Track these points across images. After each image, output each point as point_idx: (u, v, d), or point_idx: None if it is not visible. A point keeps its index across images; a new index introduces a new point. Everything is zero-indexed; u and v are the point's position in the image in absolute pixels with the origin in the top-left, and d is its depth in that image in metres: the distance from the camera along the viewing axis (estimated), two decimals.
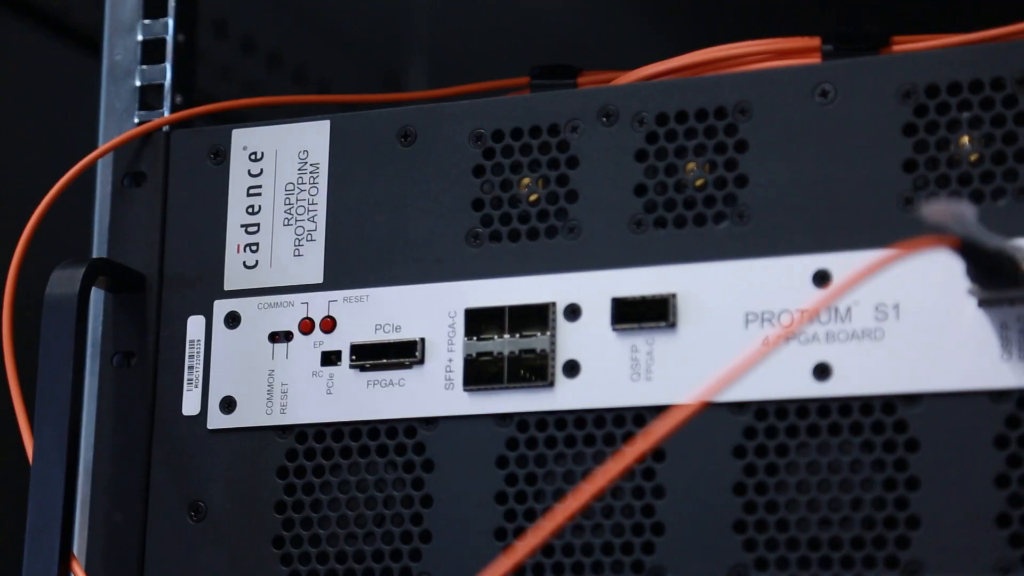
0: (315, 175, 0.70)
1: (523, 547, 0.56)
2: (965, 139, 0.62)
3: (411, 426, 0.67)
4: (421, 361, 0.67)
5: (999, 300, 0.59)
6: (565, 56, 0.74)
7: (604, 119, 0.66)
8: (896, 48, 0.66)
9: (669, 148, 0.66)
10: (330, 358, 0.68)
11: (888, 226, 0.62)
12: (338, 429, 0.67)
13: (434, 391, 0.66)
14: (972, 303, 0.60)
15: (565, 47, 0.83)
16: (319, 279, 0.69)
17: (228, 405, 0.69)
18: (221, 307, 0.70)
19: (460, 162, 0.68)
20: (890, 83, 0.63)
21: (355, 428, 0.67)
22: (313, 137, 0.70)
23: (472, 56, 0.88)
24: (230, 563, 0.68)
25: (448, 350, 0.66)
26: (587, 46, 0.83)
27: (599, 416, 0.65)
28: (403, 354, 0.67)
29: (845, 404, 0.61)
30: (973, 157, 0.61)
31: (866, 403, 0.61)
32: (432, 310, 0.67)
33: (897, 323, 0.61)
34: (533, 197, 0.67)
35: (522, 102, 0.68)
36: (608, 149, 0.66)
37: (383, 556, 0.66)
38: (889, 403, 0.61)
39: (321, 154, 0.70)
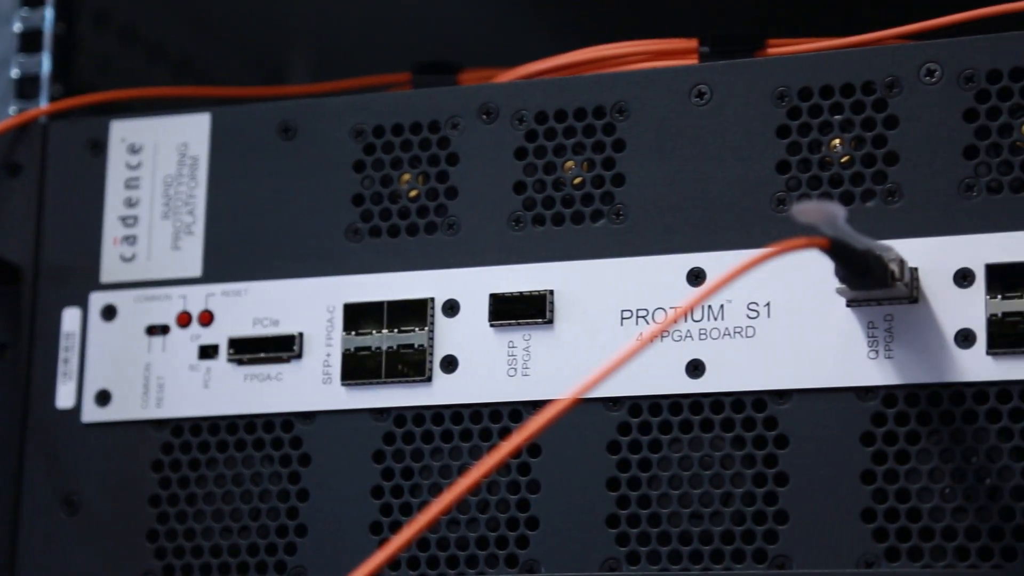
0: (194, 168, 0.70)
1: (398, 541, 0.57)
2: (836, 141, 0.64)
3: (288, 420, 0.68)
4: (299, 355, 0.68)
5: (867, 300, 0.61)
6: (447, 53, 0.75)
7: (484, 117, 0.68)
8: (771, 51, 0.67)
9: (548, 146, 0.67)
10: (208, 352, 0.69)
11: (761, 226, 0.64)
12: (214, 423, 0.68)
13: (312, 385, 0.67)
14: (841, 302, 0.62)
15: (447, 44, 0.84)
16: (198, 273, 0.70)
17: (103, 398, 0.69)
18: (97, 299, 0.70)
19: (341, 157, 0.69)
20: (765, 85, 0.64)
21: (232, 422, 0.68)
22: (193, 130, 0.71)
23: (354, 51, 0.88)
24: (104, 557, 0.68)
25: (326, 345, 0.67)
26: (469, 43, 0.84)
27: (476, 411, 0.66)
28: (281, 348, 0.68)
29: (717, 400, 0.63)
30: (844, 159, 0.63)
31: (737, 399, 0.63)
32: (311, 305, 0.68)
33: (768, 321, 0.63)
34: (413, 193, 0.68)
35: (403, 98, 0.69)
36: (488, 146, 0.67)
37: (258, 550, 0.67)
38: (760, 400, 0.63)
39: (201, 147, 0.70)
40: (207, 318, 0.69)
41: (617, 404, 0.64)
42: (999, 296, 0.60)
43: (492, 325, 0.66)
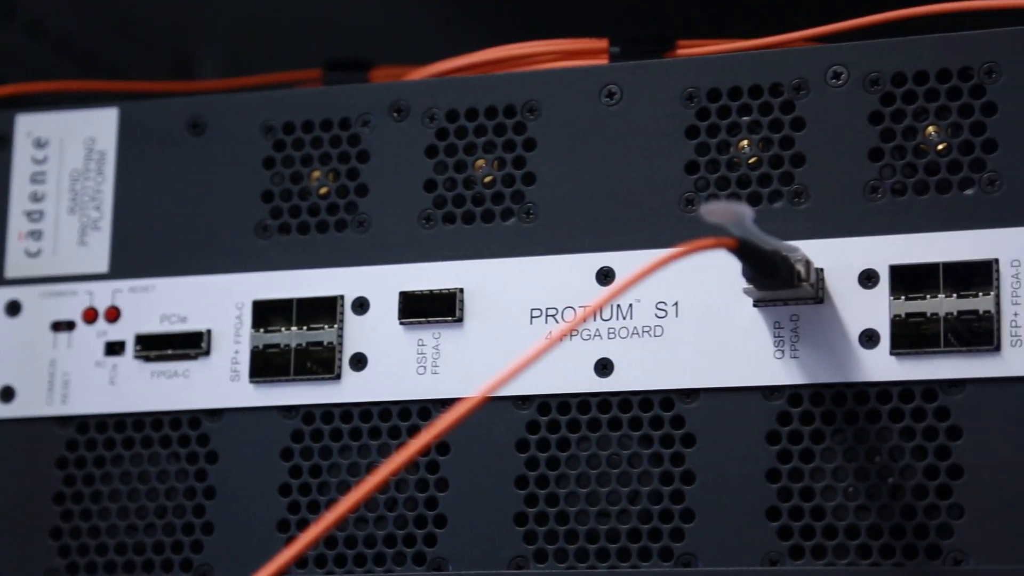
0: (101, 163, 0.70)
1: (305, 539, 0.58)
2: (744, 142, 0.65)
3: (195, 417, 0.68)
4: (207, 352, 0.68)
5: (773, 300, 0.63)
6: (358, 50, 0.75)
7: (395, 114, 0.68)
8: (681, 52, 0.69)
9: (459, 145, 0.68)
10: (114, 348, 0.69)
11: (670, 226, 0.65)
12: (120, 420, 0.68)
13: (219, 383, 0.68)
14: (748, 302, 0.63)
15: (358, 41, 0.85)
16: (104, 268, 0.70)
17: (7, 395, 0.69)
18: (2, 295, 0.70)
19: (250, 153, 0.69)
20: (674, 86, 0.65)
21: (138, 419, 0.68)
22: (100, 125, 0.71)
23: (265, 47, 0.89)
24: (6, 555, 0.68)
25: (235, 342, 0.68)
26: (380, 41, 0.85)
27: (385, 409, 0.66)
28: (188, 345, 0.68)
29: (625, 399, 0.64)
30: (752, 160, 0.65)
31: (645, 398, 0.64)
32: (219, 301, 0.68)
33: (676, 321, 0.64)
34: (323, 190, 0.69)
35: (313, 95, 0.70)
36: (399, 144, 0.68)
37: (164, 548, 0.67)
38: (667, 399, 0.64)
39: (108, 142, 0.71)
40: (114, 314, 0.69)
41: (526, 403, 0.65)
42: (902, 297, 0.61)
43: (402, 323, 0.67)
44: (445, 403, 0.65)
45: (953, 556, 0.60)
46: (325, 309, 0.67)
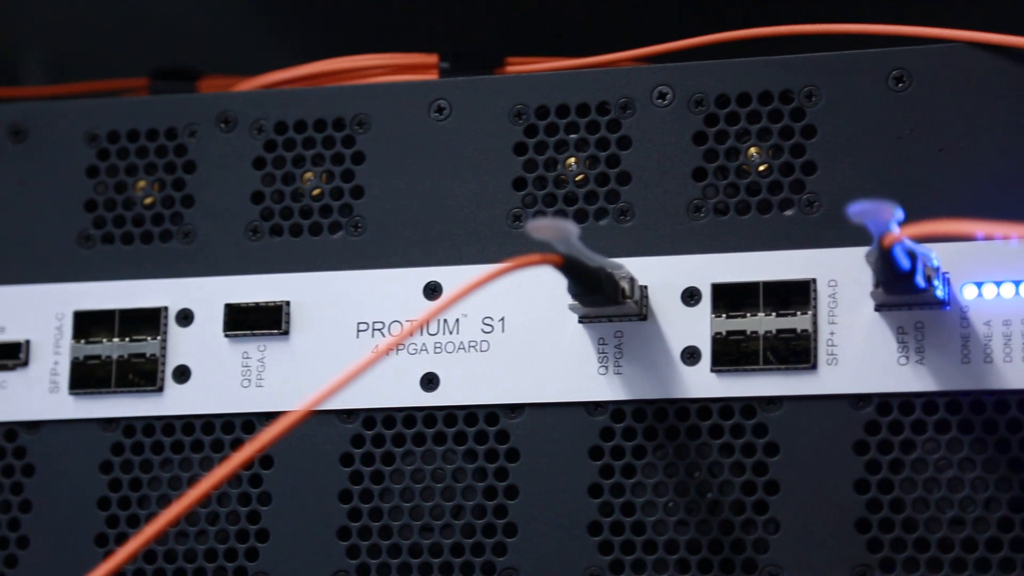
0: None
1: (123, 553, 0.58)
2: (571, 160, 0.67)
3: (12, 429, 0.68)
4: (25, 363, 0.68)
5: (598, 316, 0.65)
6: (186, 59, 0.76)
7: (223, 125, 0.69)
8: (510, 69, 0.70)
9: (287, 157, 0.69)
10: None
11: (497, 241, 0.66)
12: None
13: (38, 394, 0.68)
14: (573, 318, 0.65)
15: (186, 50, 0.85)
16: None
17: None
18: None
19: (73, 162, 0.70)
20: (503, 102, 0.67)
21: None
22: None
23: (91, 53, 0.89)
24: None
25: (55, 352, 0.68)
26: (208, 50, 0.85)
27: (208, 422, 0.67)
28: (6, 356, 0.68)
29: (451, 414, 0.66)
30: (578, 178, 0.67)
31: (471, 413, 0.66)
32: (39, 311, 0.69)
33: (503, 336, 0.66)
34: (148, 200, 0.69)
35: (139, 104, 0.70)
36: (226, 155, 0.69)
37: None
38: (492, 413, 0.65)
39: None
40: None
41: (351, 416, 0.66)
42: (723, 315, 0.64)
43: (227, 335, 0.68)
44: (269, 416, 0.66)
45: (768, 570, 0.62)
46: (148, 320, 0.68)
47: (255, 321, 0.68)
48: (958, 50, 0.64)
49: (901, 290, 0.61)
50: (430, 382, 0.66)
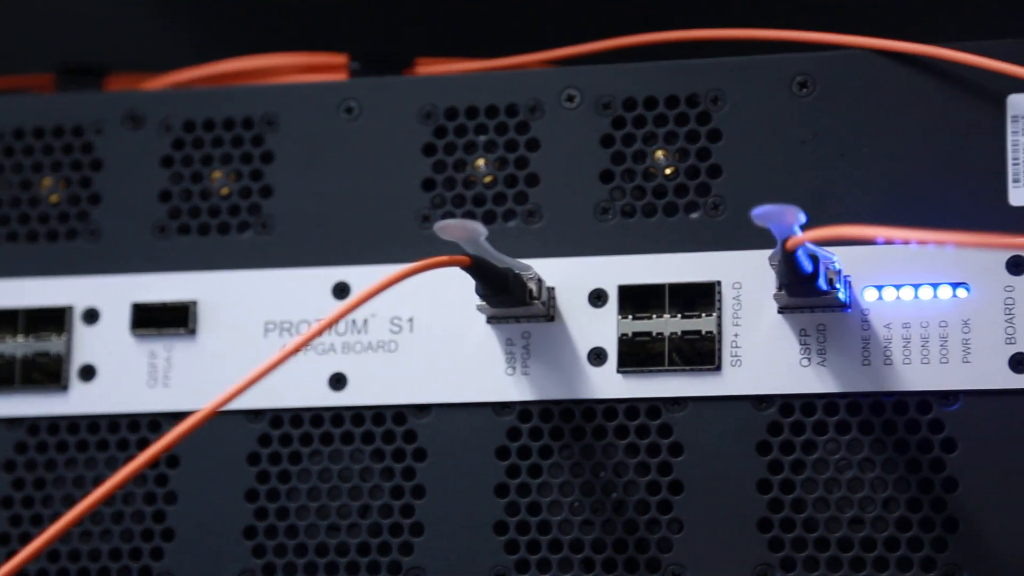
0: None
1: (26, 553, 0.59)
2: (480, 161, 0.68)
3: None
4: None
5: (506, 317, 0.66)
6: (93, 56, 0.76)
7: (130, 123, 0.70)
8: (420, 70, 0.71)
9: (195, 156, 0.70)
10: None
11: (406, 242, 0.67)
12: None
13: None
14: (481, 319, 0.66)
15: (93, 47, 0.85)
16: None
17: None
18: None
19: None
20: (412, 103, 0.68)
21: None
22: None
23: None
24: None
25: None
26: (116, 48, 0.86)
27: (114, 421, 0.68)
28: None
29: (358, 413, 0.67)
30: (487, 179, 0.68)
31: (378, 413, 0.67)
32: None
33: (411, 336, 0.67)
34: (54, 199, 0.70)
35: (46, 101, 0.71)
36: (133, 153, 0.70)
37: None
38: (400, 413, 0.66)
39: None
40: None
41: (258, 416, 0.67)
42: (630, 316, 0.65)
43: (133, 334, 0.68)
44: (176, 416, 0.67)
45: (672, 569, 0.64)
46: (54, 319, 0.69)
47: (162, 320, 0.68)
48: (860, 57, 0.65)
49: (803, 293, 0.62)
50: (338, 382, 0.67)
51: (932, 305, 0.63)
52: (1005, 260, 0.63)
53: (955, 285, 0.63)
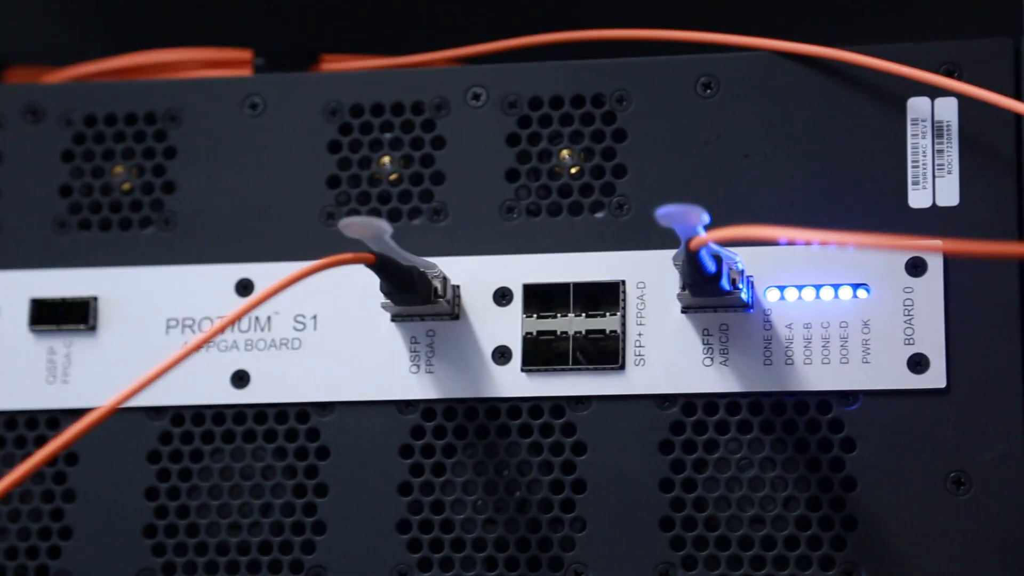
0: None
1: None
2: (386, 159, 0.69)
3: None
4: None
5: (410, 315, 0.67)
6: None
7: (30, 116, 0.70)
8: (325, 66, 0.72)
9: (96, 150, 0.70)
10: None
11: (310, 239, 0.68)
12: None
13: None
14: (386, 317, 0.67)
15: None
16: None
17: None
18: None
19: None
20: (317, 100, 0.69)
21: None
22: None
23: None
24: None
25: None
26: (17, 40, 0.85)
27: (10, 418, 0.68)
28: None
29: (261, 411, 0.67)
30: (392, 177, 0.69)
31: (281, 411, 0.67)
32: None
33: (315, 334, 0.67)
34: None
35: None
36: (34, 148, 0.70)
37: None
38: (303, 411, 0.67)
39: None
40: None
41: (159, 414, 0.68)
42: (534, 315, 0.66)
43: (32, 330, 0.68)
44: (75, 413, 0.67)
45: (574, 568, 0.65)
46: None
47: (61, 316, 0.69)
48: (764, 59, 0.67)
49: (707, 292, 0.64)
50: (241, 379, 0.68)
51: (833, 306, 0.65)
52: (905, 262, 0.64)
53: (855, 286, 0.65)
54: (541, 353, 0.66)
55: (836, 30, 0.79)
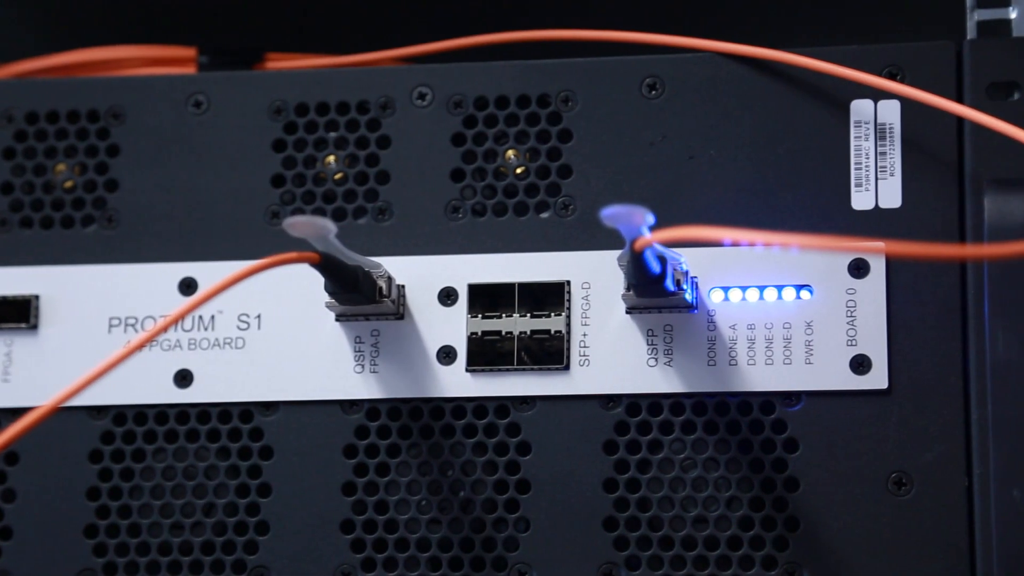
0: None
1: None
2: (331, 158, 0.69)
3: None
4: None
5: (355, 315, 0.67)
6: None
7: None
8: (270, 65, 0.73)
9: (38, 148, 0.70)
10: None
11: (255, 238, 0.69)
12: None
13: None
14: (330, 316, 0.68)
15: None
16: None
17: None
18: None
19: None
20: (262, 99, 0.70)
21: None
22: None
23: None
24: None
25: None
26: None
27: None
28: None
29: (204, 411, 0.68)
30: (337, 176, 0.69)
31: (225, 410, 0.68)
32: None
33: (259, 333, 0.68)
34: None
35: None
36: None
37: None
38: (247, 411, 0.68)
39: None
40: None
41: (101, 413, 0.68)
42: (479, 315, 0.67)
43: None
44: (16, 412, 0.68)
45: (518, 568, 0.66)
46: None
47: (3, 314, 0.69)
48: (709, 60, 0.68)
49: (651, 293, 0.65)
50: (184, 379, 0.68)
51: (776, 307, 0.66)
52: (847, 263, 0.66)
53: (799, 287, 0.66)
54: (486, 353, 0.67)
55: (781, 32, 0.80)
